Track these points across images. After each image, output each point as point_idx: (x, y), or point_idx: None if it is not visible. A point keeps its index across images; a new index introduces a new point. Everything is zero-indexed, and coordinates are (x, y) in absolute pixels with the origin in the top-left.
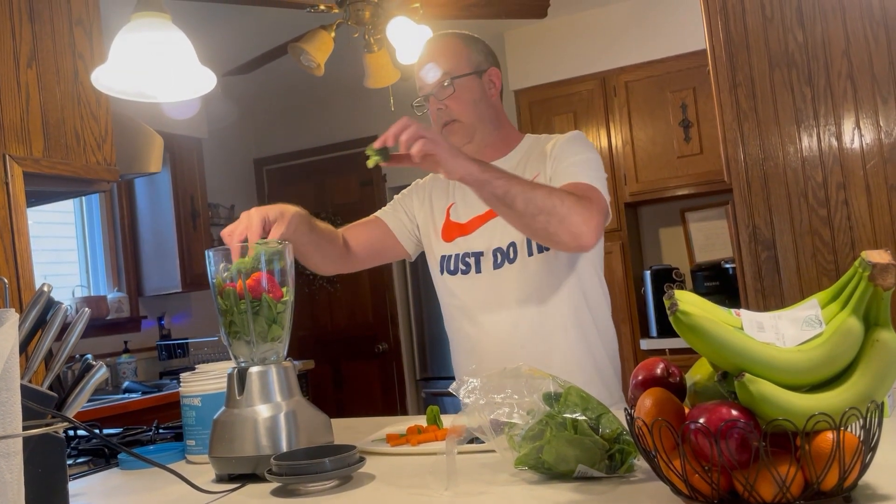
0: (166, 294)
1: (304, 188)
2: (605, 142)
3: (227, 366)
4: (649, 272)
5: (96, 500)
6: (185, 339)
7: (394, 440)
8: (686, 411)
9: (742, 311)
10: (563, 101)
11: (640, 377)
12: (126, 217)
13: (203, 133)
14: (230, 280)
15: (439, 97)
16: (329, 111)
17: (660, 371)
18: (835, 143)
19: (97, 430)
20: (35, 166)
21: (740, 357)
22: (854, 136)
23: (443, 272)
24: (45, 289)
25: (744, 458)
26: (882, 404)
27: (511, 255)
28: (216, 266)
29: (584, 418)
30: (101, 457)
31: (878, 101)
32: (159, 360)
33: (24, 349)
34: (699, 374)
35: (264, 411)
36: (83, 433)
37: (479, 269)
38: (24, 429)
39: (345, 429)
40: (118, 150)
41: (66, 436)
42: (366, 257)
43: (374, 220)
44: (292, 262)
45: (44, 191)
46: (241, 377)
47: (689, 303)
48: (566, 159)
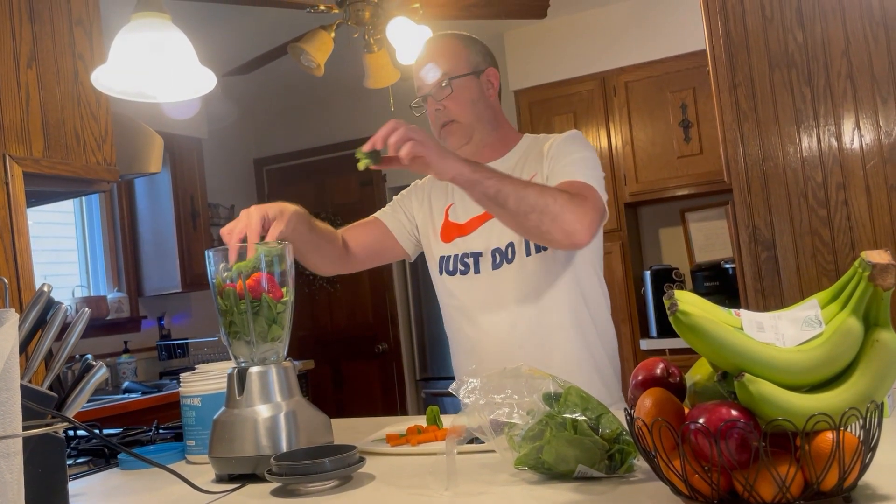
0: (166, 294)
1: (304, 188)
2: (604, 142)
3: (227, 366)
4: (649, 272)
5: (96, 500)
6: (185, 339)
7: (394, 440)
8: (686, 411)
9: (742, 312)
10: (563, 102)
11: (640, 377)
12: (126, 217)
13: (203, 133)
14: (230, 280)
15: (437, 97)
16: (329, 111)
17: (660, 371)
18: (834, 144)
19: (97, 431)
20: (35, 166)
21: (740, 357)
22: (854, 137)
23: (442, 273)
24: (45, 289)
25: (743, 459)
26: (882, 404)
27: (509, 255)
28: (216, 266)
29: (583, 418)
30: (101, 457)
31: (878, 102)
32: (159, 360)
33: (24, 349)
34: (699, 374)
35: (264, 411)
36: (83, 433)
37: (477, 270)
38: (24, 429)
39: (345, 429)
40: (118, 150)
41: (66, 436)
42: (365, 258)
43: (374, 221)
44: (292, 263)
45: (44, 191)
46: (241, 377)
47: (689, 303)
48: (562, 158)
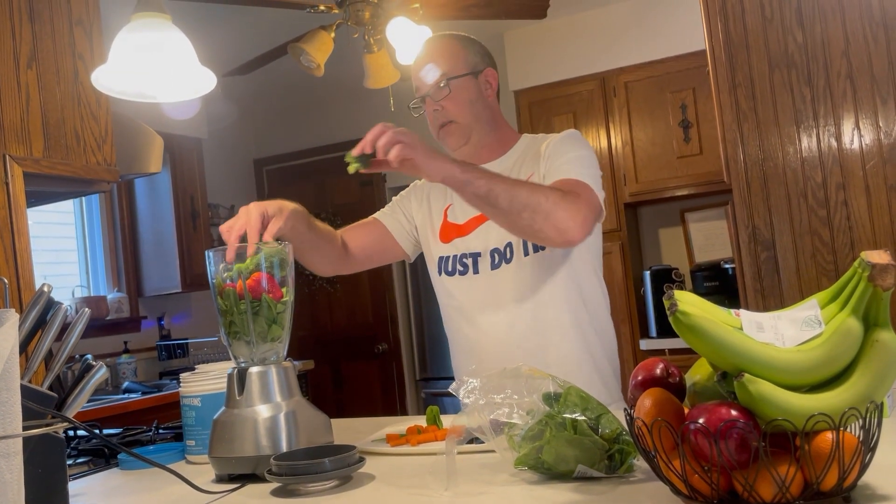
0: (166, 294)
1: (304, 188)
2: (604, 142)
3: (227, 366)
4: (649, 272)
5: (96, 500)
6: (185, 339)
7: (394, 440)
8: (685, 411)
9: (741, 312)
10: (563, 102)
11: (640, 377)
12: (126, 217)
13: (203, 133)
14: (230, 280)
15: (435, 98)
16: (329, 111)
17: (659, 371)
18: (834, 144)
19: (97, 431)
20: (35, 166)
21: (740, 357)
22: (853, 137)
23: (441, 273)
24: (45, 289)
25: (743, 459)
26: (881, 404)
27: (508, 255)
28: (216, 266)
29: (583, 418)
30: (101, 457)
31: (878, 102)
32: (159, 360)
33: (24, 349)
34: (699, 374)
35: (264, 411)
36: (83, 433)
37: (476, 270)
38: (24, 429)
39: (345, 429)
40: (118, 150)
41: (66, 436)
42: (364, 259)
43: (373, 222)
44: (292, 263)
45: (44, 191)
46: (240, 377)
47: (689, 303)
48: (558, 157)
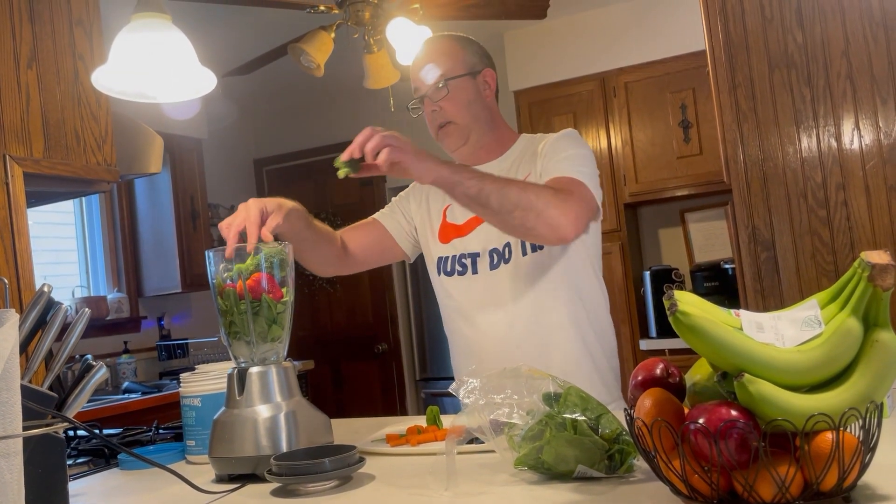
0: (166, 294)
1: (304, 188)
2: (604, 142)
3: (227, 366)
4: (649, 273)
5: (96, 500)
6: (185, 339)
7: (393, 440)
8: (685, 412)
9: (741, 312)
10: (563, 102)
11: (640, 377)
12: (126, 217)
13: (203, 133)
14: (230, 280)
15: (434, 98)
16: (329, 111)
17: (659, 371)
18: (834, 144)
19: (97, 431)
20: (35, 167)
21: (740, 357)
22: (853, 137)
23: (440, 273)
24: (46, 289)
25: (743, 459)
26: (881, 405)
27: (507, 255)
28: (216, 266)
29: (583, 418)
30: (101, 457)
31: (878, 102)
32: (159, 360)
33: (24, 349)
34: (699, 374)
35: (264, 411)
36: (83, 433)
37: (475, 270)
38: (25, 429)
39: (345, 429)
40: (118, 150)
41: (66, 436)
42: (364, 259)
43: (372, 223)
44: (292, 263)
45: (44, 191)
46: (241, 377)
47: (689, 303)
48: (554, 156)
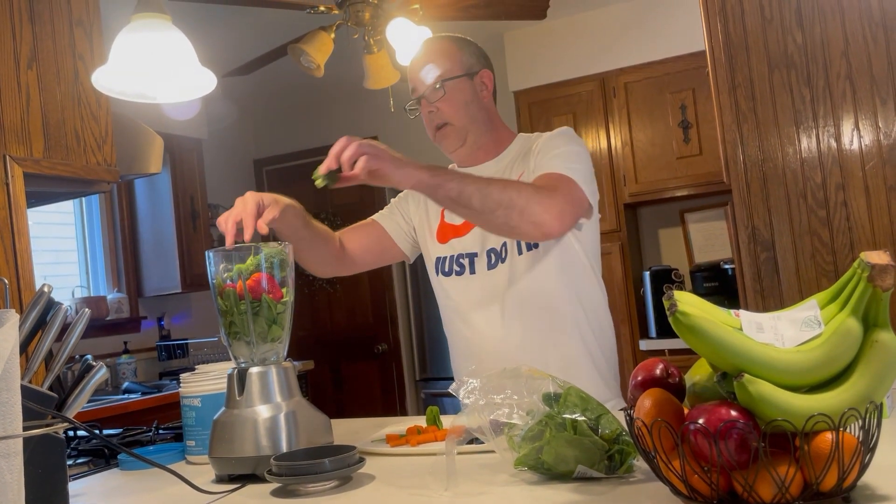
0: (166, 294)
1: (303, 189)
2: (604, 143)
3: (227, 366)
4: (648, 273)
5: (96, 500)
6: (185, 339)
7: (393, 441)
8: (685, 412)
9: (741, 312)
10: (563, 103)
11: (640, 378)
12: (126, 218)
13: (203, 134)
14: (230, 281)
15: (431, 99)
16: (329, 112)
17: (659, 372)
18: (834, 145)
19: (97, 431)
20: (35, 167)
21: (739, 358)
22: (853, 138)
23: (438, 273)
24: (46, 289)
25: (743, 459)
26: (881, 405)
27: (503, 255)
28: (216, 266)
29: (583, 419)
30: (101, 457)
31: (877, 103)
32: (159, 360)
33: (24, 350)
34: (698, 374)
35: (264, 412)
36: (83, 434)
37: (473, 270)
38: (25, 429)
39: (345, 429)
40: (118, 150)
41: (66, 436)
42: (363, 260)
43: (371, 223)
44: (292, 263)
45: (44, 191)
46: (241, 378)
47: (689, 303)
48: (546, 153)
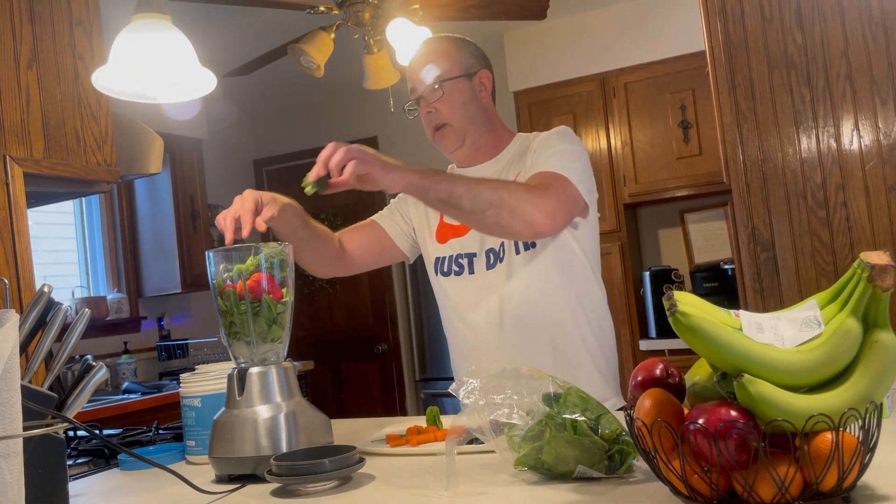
0: (166, 295)
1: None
2: (604, 143)
3: (227, 366)
4: (648, 273)
5: (96, 500)
6: (185, 339)
7: (393, 441)
8: (685, 412)
9: (741, 312)
10: (563, 103)
11: (640, 378)
12: (126, 218)
13: (203, 134)
14: (230, 281)
15: (429, 100)
16: (329, 112)
17: (659, 372)
18: (834, 145)
19: (97, 431)
20: (35, 167)
21: (739, 358)
22: (853, 138)
23: (437, 273)
24: (46, 289)
25: (743, 459)
26: (881, 405)
27: (501, 254)
28: (216, 267)
29: (583, 419)
30: (101, 457)
31: (877, 103)
32: (159, 360)
33: (24, 350)
34: (698, 374)
35: (264, 412)
36: (83, 434)
37: (472, 270)
38: (25, 429)
39: (345, 429)
40: (118, 150)
41: (67, 436)
42: (362, 260)
43: (371, 224)
44: (292, 264)
45: (44, 191)
46: (241, 378)
47: (689, 304)
48: (542, 152)
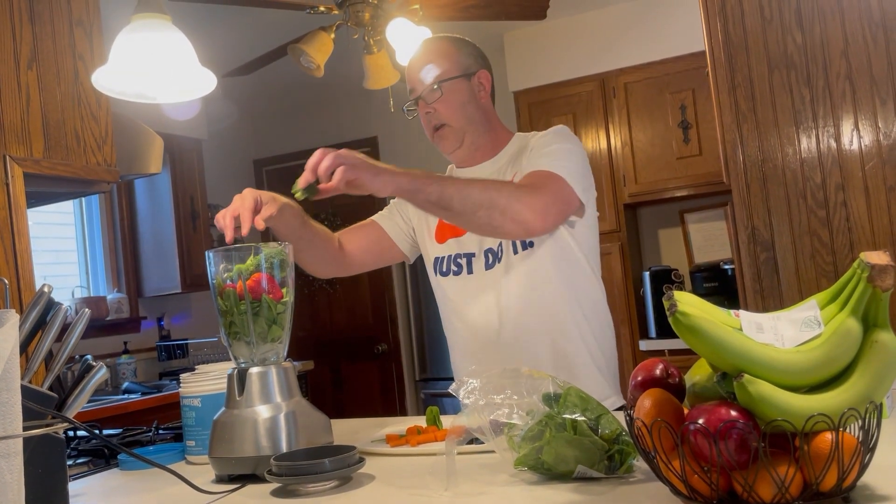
0: (166, 295)
1: None
2: (604, 143)
3: (227, 366)
4: (648, 273)
5: (96, 500)
6: (185, 339)
7: (393, 441)
8: (685, 412)
9: (741, 312)
10: (563, 103)
11: (640, 378)
12: (126, 218)
13: (203, 134)
14: (230, 281)
15: (428, 100)
16: (329, 112)
17: (659, 372)
18: (833, 145)
19: (97, 431)
20: (35, 167)
21: (739, 358)
22: (853, 138)
23: (436, 273)
24: (46, 289)
25: (743, 459)
26: (881, 405)
27: (500, 254)
28: (216, 267)
29: (583, 419)
30: (100, 457)
31: (877, 103)
32: (159, 360)
33: (24, 350)
34: (698, 374)
35: (264, 412)
36: (83, 434)
37: (470, 270)
38: (25, 429)
39: (345, 429)
40: (118, 150)
41: (66, 436)
42: (362, 260)
43: (370, 224)
44: (292, 264)
45: (44, 191)
46: (241, 378)
47: (688, 304)
48: (538, 151)
